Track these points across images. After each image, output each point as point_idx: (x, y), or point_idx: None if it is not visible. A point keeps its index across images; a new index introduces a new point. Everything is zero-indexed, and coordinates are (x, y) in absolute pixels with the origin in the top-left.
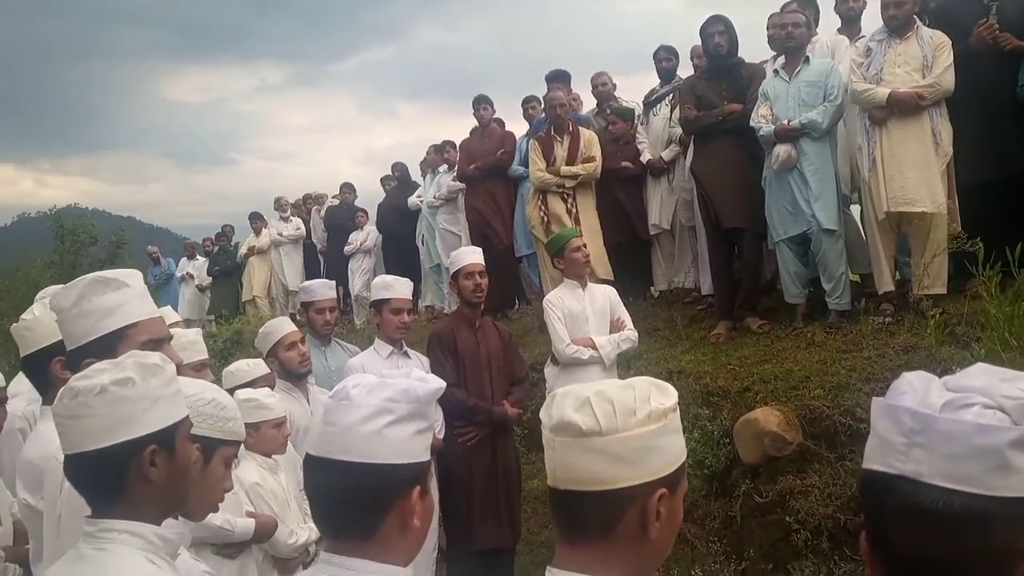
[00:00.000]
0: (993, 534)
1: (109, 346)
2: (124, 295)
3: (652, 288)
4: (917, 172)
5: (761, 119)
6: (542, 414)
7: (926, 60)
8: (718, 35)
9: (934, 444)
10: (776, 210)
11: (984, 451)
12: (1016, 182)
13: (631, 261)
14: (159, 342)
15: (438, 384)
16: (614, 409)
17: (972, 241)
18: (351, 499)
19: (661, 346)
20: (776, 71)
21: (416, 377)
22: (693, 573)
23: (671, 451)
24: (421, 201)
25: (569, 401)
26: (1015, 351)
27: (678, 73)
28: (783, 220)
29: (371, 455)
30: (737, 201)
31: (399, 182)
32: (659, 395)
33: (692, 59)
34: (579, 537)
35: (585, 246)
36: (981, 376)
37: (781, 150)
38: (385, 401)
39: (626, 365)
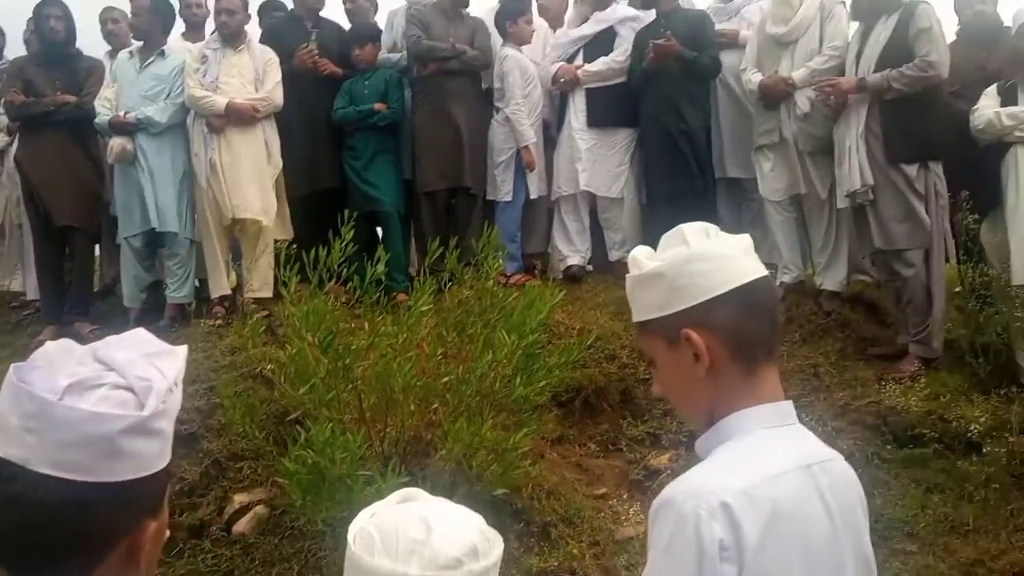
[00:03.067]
0: (94, 517)
1: None
2: None
3: None
4: (252, 181)
5: (104, 102)
6: None
7: (258, 73)
8: (54, 19)
9: (47, 430)
10: (122, 207)
11: (95, 439)
12: (329, 195)
13: None
14: None
15: None
16: None
17: (288, 247)
18: None
19: None
20: (131, 53)
21: None
22: None
23: None
24: None
25: None
26: (312, 346)
27: (5, 53)
28: (128, 218)
29: None
30: (69, 198)
31: None
32: None
33: (25, 41)
34: None
35: None
36: (128, 348)
37: (116, 143)
38: None
39: None
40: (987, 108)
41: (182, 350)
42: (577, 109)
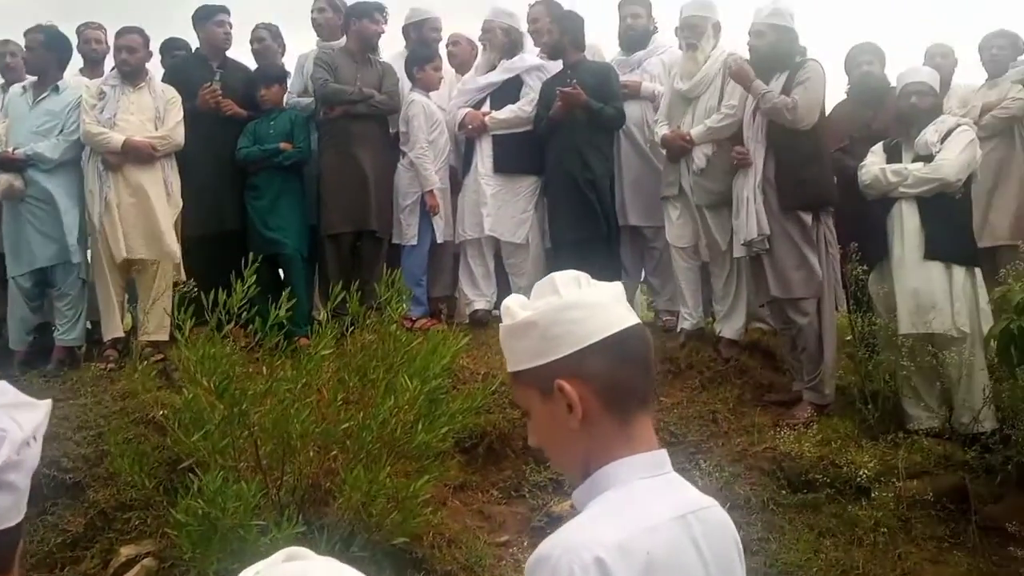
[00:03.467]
0: None
1: None
2: None
3: None
4: (151, 220)
5: None
6: None
7: (159, 112)
8: None
9: None
10: (9, 245)
11: None
12: (231, 237)
13: None
14: None
15: None
16: None
17: (187, 289)
18: None
19: None
20: (24, 88)
21: None
22: None
23: None
24: None
25: None
26: (207, 391)
27: None
28: (15, 257)
29: None
30: None
31: None
32: None
33: None
34: None
35: None
36: None
37: (3, 179)
38: None
39: None
40: (873, 165)
41: (45, 404)
42: (484, 155)
